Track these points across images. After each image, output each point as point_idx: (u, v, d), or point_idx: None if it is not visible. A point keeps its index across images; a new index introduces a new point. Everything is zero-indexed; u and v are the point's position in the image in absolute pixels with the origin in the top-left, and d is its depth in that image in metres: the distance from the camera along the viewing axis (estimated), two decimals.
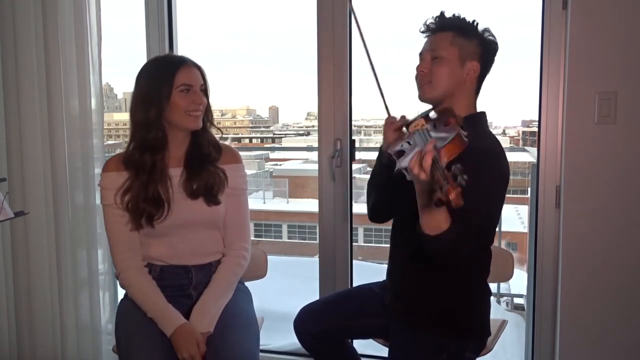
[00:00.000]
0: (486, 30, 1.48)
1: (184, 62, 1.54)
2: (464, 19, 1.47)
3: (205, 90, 1.59)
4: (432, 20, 1.49)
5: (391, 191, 1.55)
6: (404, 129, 1.40)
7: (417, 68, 1.49)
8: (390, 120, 1.48)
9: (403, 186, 1.27)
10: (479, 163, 1.32)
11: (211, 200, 1.58)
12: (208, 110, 1.61)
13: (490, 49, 1.48)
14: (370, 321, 1.67)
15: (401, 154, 1.23)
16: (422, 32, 1.51)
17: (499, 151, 1.41)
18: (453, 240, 1.26)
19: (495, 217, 1.44)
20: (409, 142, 1.25)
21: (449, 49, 1.44)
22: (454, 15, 1.48)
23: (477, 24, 1.47)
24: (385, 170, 1.53)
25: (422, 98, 1.49)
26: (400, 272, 1.57)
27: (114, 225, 1.58)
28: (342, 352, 1.77)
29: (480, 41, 1.46)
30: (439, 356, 1.47)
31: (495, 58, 1.50)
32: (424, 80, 1.47)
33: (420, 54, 1.51)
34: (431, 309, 1.48)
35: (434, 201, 1.11)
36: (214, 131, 1.66)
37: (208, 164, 1.60)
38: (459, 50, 1.44)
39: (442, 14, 1.48)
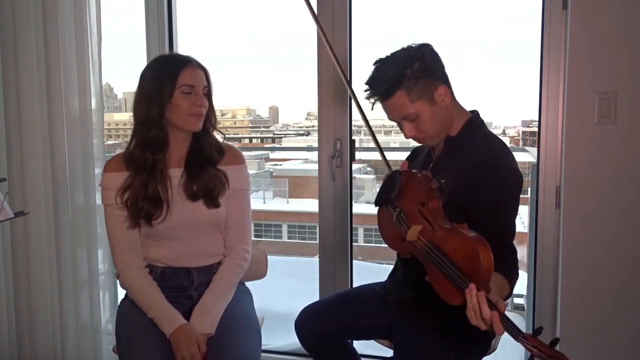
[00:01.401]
0: (412, 49, 1.38)
1: (188, 63, 1.53)
2: (393, 63, 1.37)
3: (208, 93, 1.58)
4: (370, 95, 1.40)
5: None
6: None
7: (406, 136, 1.44)
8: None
9: None
10: (493, 179, 1.32)
11: (211, 202, 1.57)
12: (211, 113, 1.60)
13: (431, 61, 1.38)
14: (372, 321, 1.66)
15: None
16: (372, 103, 1.43)
17: (506, 154, 1.38)
18: (513, 272, 1.28)
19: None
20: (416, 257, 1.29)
21: (413, 107, 1.37)
22: (379, 73, 1.39)
23: (405, 50, 1.38)
24: None
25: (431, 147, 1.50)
26: (407, 274, 1.56)
27: (115, 225, 1.58)
28: (343, 354, 1.77)
29: (421, 67, 1.36)
30: (445, 357, 1.46)
31: (439, 57, 1.41)
32: (419, 137, 1.44)
33: (393, 120, 1.45)
34: (438, 311, 1.47)
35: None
36: (217, 135, 1.66)
37: (209, 165, 1.59)
38: (420, 99, 1.37)
39: (371, 81, 1.39)
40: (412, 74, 1.36)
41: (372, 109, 1.45)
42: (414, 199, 1.32)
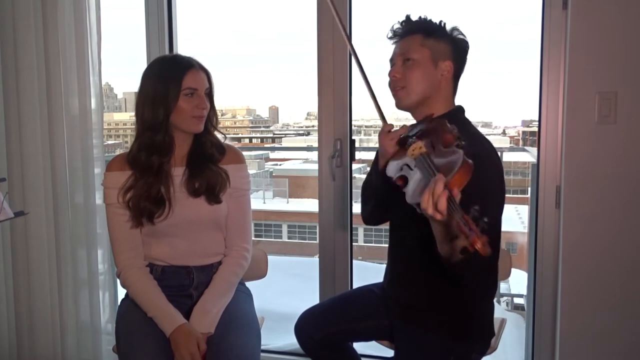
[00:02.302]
0: (455, 29, 1.45)
1: (191, 66, 1.54)
2: (430, 20, 1.44)
3: (210, 94, 1.59)
4: (398, 25, 1.46)
5: (387, 196, 1.51)
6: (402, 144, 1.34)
7: (390, 74, 1.45)
8: (387, 128, 1.41)
9: (400, 193, 1.26)
10: (482, 170, 1.31)
11: (212, 199, 1.58)
12: (212, 113, 1.61)
13: (461, 47, 1.45)
14: (373, 323, 1.66)
15: (404, 180, 1.21)
16: (390, 37, 1.48)
17: (489, 151, 1.38)
18: (476, 261, 1.22)
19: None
20: (409, 166, 1.23)
21: (419, 50, 1.41)
22: (420, 17, 1.45)
23: (445, 24, 1.44)
24: (382, 178, 1.46)
25: (399, 106, 1.46)
26: (404, 277, 1.56)
27: (117, 224, 1.58)
28: (344, 356, 1.76)
29: (450, 41, 1.43)
30: (446, 358, 1.46)
31: (467, 57, 1.47)
32: (398, 85, 1.43)
33: (391, 60, 1.47)
34: (438, 312, 1.47)
35: (459, 249, 1.03)
36: (218, 135, 1.66)
37: (211, 163, 1.60)
38: (430, 51, 1.41)
39: (408, 17, 1.45)
40: (442, 37, 1.42)
41: (388, 36, 1.47)
42: (428, 139, 1.27)
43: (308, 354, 1.75)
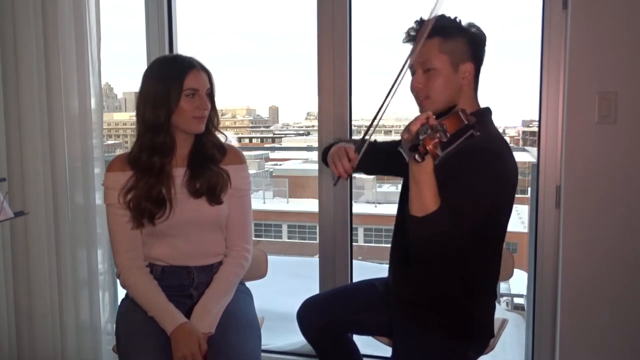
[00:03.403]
0: (471, 25, 1.42)
1: (193, 66, 1.54)
2: (446, 18, 1.41)
3: (210, 94, 1.59)
4: (413, 28, 1.42)
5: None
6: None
7: (412, 83, 1.44)
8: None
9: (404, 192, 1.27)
10: (476, 162, 1.31)
11: (213, 199, 1.58)
12: (213, 114, 1.61)
13: (479, 43, 1.43)
14: (373, 317, 1.67)
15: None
16: (406, 42, 1.44)
17: (501, 151, 1.37)
18: (437, 226, 1.24)
19: (498, 219, 1.42)
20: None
21: (439, 57, 1.39)
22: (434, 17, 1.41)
23: (460, 20, 1.42)
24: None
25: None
26: (406, 277, 1.56)
27: (117, 225, 1.58)
28: (344, 348, 1.77)
29: (467, 39, 1.41)
30: (444, 357, 1.47)
31: (486, 49, 1.45)
32: (421, 95, 1.42)
33: (411, 67, 1.44)
34: (438, 312, 1.47)
35: (413, 155, 1.13)
36: (219, 136, 1.66)
37: (211, 164, 1.60)
38: (449, 57, 1.39)
39: (422, 19, 1.41)
40: (458, 37, 1.39)
41: (404, 41, 1.45)
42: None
43: (309, 342, 1.78)
